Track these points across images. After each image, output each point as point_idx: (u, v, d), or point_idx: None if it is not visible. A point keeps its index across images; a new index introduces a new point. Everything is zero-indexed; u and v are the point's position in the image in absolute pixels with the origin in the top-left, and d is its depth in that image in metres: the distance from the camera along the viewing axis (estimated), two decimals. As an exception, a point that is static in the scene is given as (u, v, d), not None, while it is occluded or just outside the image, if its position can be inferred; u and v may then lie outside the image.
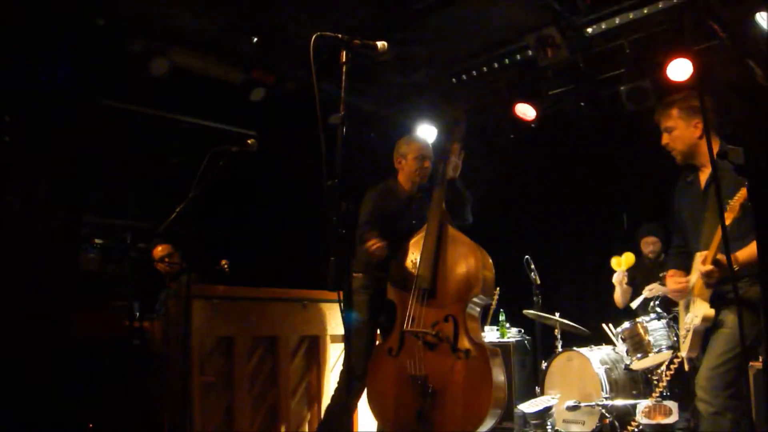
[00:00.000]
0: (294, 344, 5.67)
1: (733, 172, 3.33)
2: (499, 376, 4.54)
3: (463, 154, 5.10)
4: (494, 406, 4.43)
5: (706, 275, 3.80)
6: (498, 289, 7.56)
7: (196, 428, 4.82)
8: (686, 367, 4.29)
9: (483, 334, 7.28)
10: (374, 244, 4.78)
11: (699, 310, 3.91)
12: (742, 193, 3.60)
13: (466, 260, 4.72)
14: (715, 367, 3.78)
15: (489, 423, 4.47)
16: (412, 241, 4.92)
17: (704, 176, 4.08)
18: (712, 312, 3.84)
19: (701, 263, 3.85)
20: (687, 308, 4.09)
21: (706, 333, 3.92)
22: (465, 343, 4.54)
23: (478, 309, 4.82)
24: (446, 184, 4.98)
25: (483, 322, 7.51)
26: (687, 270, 4.11)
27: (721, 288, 3.86)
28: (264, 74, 7.23)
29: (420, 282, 4.73)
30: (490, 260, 4.83)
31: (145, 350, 6.19)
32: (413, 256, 4.85)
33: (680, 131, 4.07)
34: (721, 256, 3.73)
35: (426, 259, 4.76)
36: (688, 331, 4.00)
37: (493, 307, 7.57)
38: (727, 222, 3.61)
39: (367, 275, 5.06)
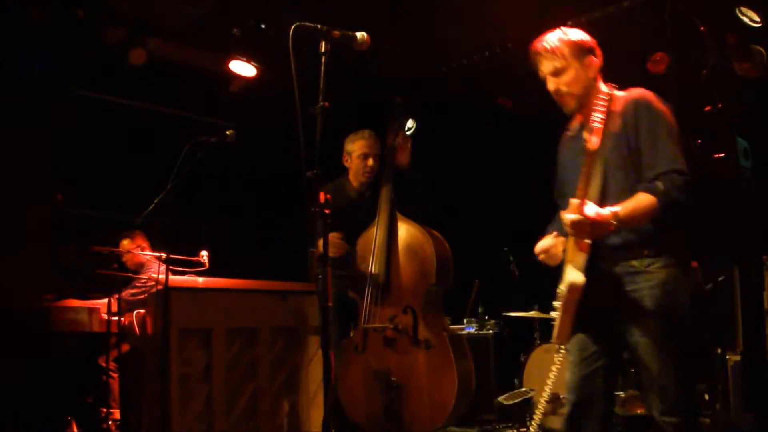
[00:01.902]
0: (273, 336, 5.64)
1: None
2: (462, 363, 4.50)
3: (409, 141, 4.95)
4: (460, 394, 4.39)
5: (575, 226, 2.92)
6: (477, 281, 7.58)
7: (174, 420, 4.80)
8: (556, 360, 3.24)
9: (461, 326, 7.33)
10: (336, 241, 4.68)
11: (567, 278, 3.03)
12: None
13: (420, 250, 4.66)
14: (669, 383, 2.97)
15: (457, 412, 4.45)
16: (364, 238, 4.86)
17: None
18: (581, 279, 2.95)
19: (565, 212, 2.98)
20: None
21: (580, 311, 3.01)
22: (424, 333, 4.50)
23: (437, 297, 4.78)
24: (394, 174, 4.88)
25: (463, 312, 7.53)
26: None
27: (616, 268, 3.06)
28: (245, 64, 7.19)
29: (374, 278, 4.70)
30: (446, 245, 4.77)
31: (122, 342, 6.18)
32: (365, 253, 4.80)
33: (575, 72, 3.31)
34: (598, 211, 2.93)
35: (378, 254, 4.72)
36: (557, 310, 3.12)
37: (472, 299, 7.58)
38: (593, 146, 2.94)
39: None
